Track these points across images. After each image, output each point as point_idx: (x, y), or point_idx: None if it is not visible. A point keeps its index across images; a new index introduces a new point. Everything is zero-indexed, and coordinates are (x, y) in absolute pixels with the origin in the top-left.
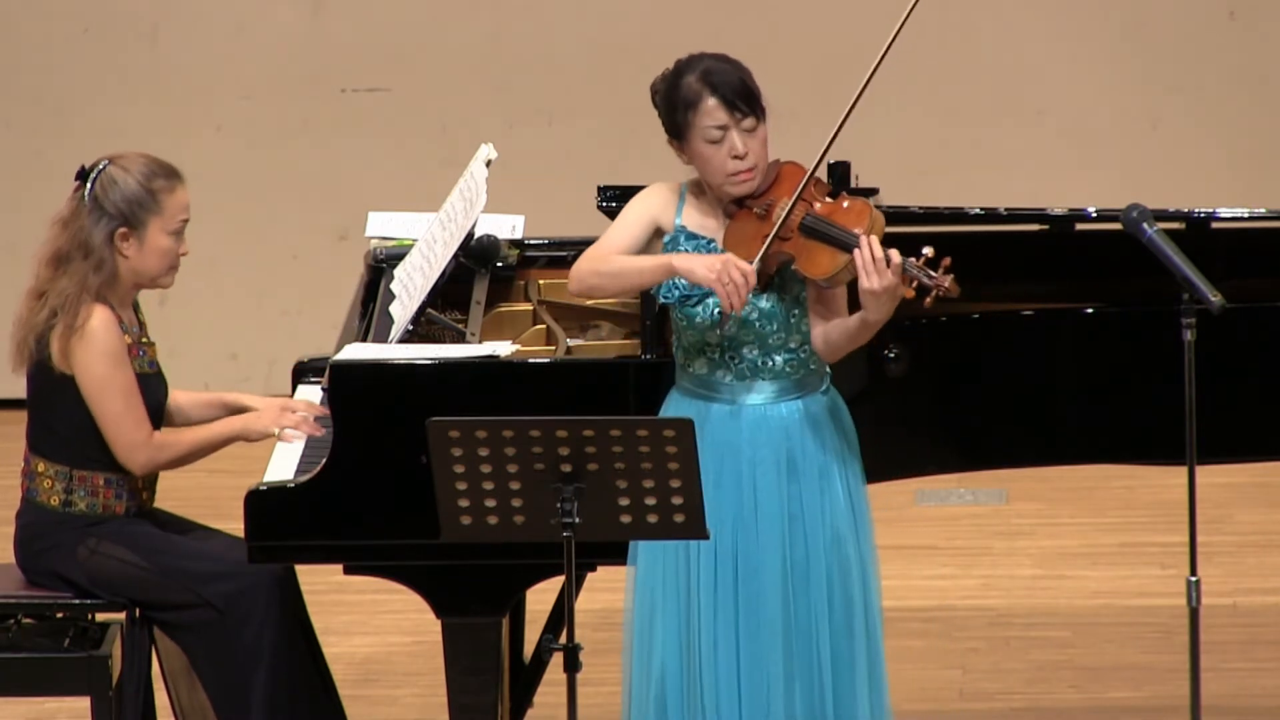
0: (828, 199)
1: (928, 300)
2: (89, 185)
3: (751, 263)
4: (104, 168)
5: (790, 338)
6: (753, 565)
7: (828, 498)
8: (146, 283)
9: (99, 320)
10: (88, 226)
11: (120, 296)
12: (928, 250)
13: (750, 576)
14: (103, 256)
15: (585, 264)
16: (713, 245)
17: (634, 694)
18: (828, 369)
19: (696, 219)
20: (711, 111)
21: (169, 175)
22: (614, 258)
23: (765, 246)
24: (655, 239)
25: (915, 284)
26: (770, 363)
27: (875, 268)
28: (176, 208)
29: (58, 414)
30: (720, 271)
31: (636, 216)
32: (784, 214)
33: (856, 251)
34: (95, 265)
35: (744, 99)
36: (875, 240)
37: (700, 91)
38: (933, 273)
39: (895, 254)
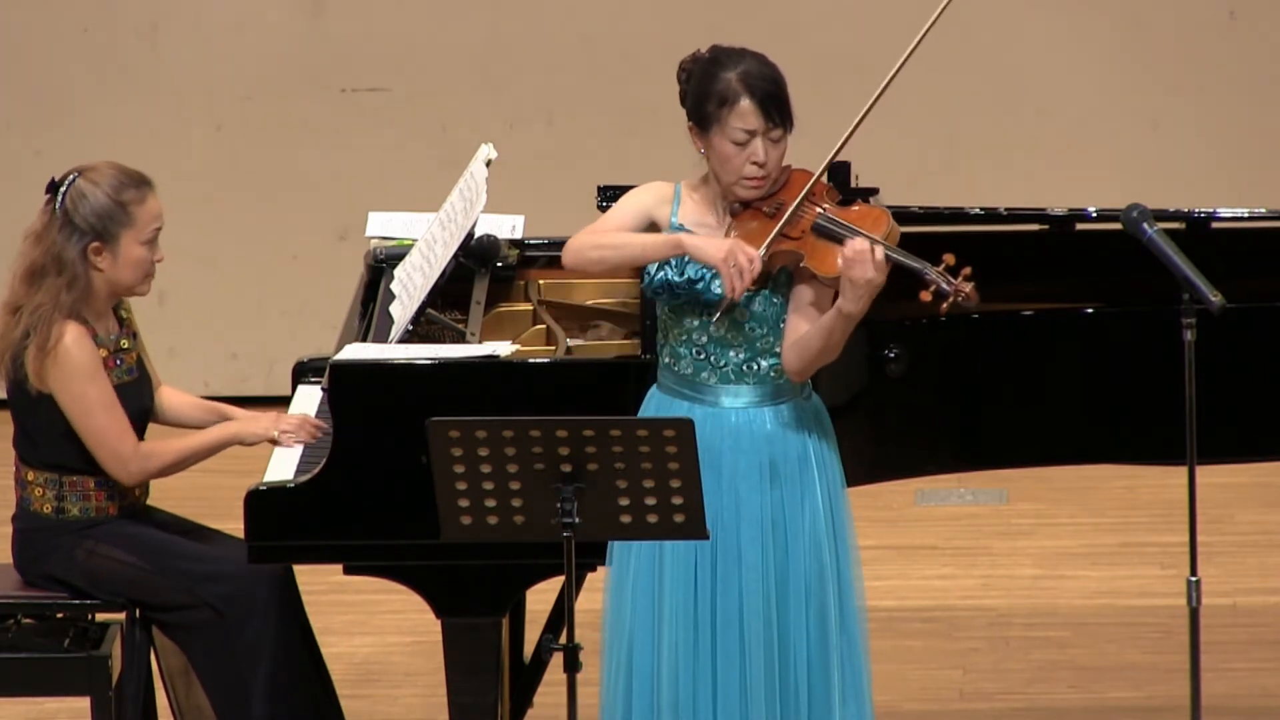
0: (839, 205)
1: (944, 306)
2: (59, 199)
3: (759, 251)
4: (73, 180)
5: (777, 342)
6: (731, 569)
7: (808, 503)
8: (123, 292)
9: (70, 338)
10: (60, 242)
11: (96, 309)
12: (948, 257)
13: (728, 581)
14: (76, 273)
15: (584, 236)
16: None
17: (605, 696)
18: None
19: (693, 217)
20: (744, 115)
21: (139, 185)
22: (616, 232)
23: (770, 238)
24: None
25: (934, 288)
26: (755, 366)
27: (859, 259)
28: (148, 218)
29: (39, 427)
30: (728, 253)
31: (633, 207)
32: (791, 212)
33: (848, 242)
34: (69, 281)
35: (779, 109)
36: (868, 239)
37: (739, 92)
38: (952, 279)
39: (880, 251)
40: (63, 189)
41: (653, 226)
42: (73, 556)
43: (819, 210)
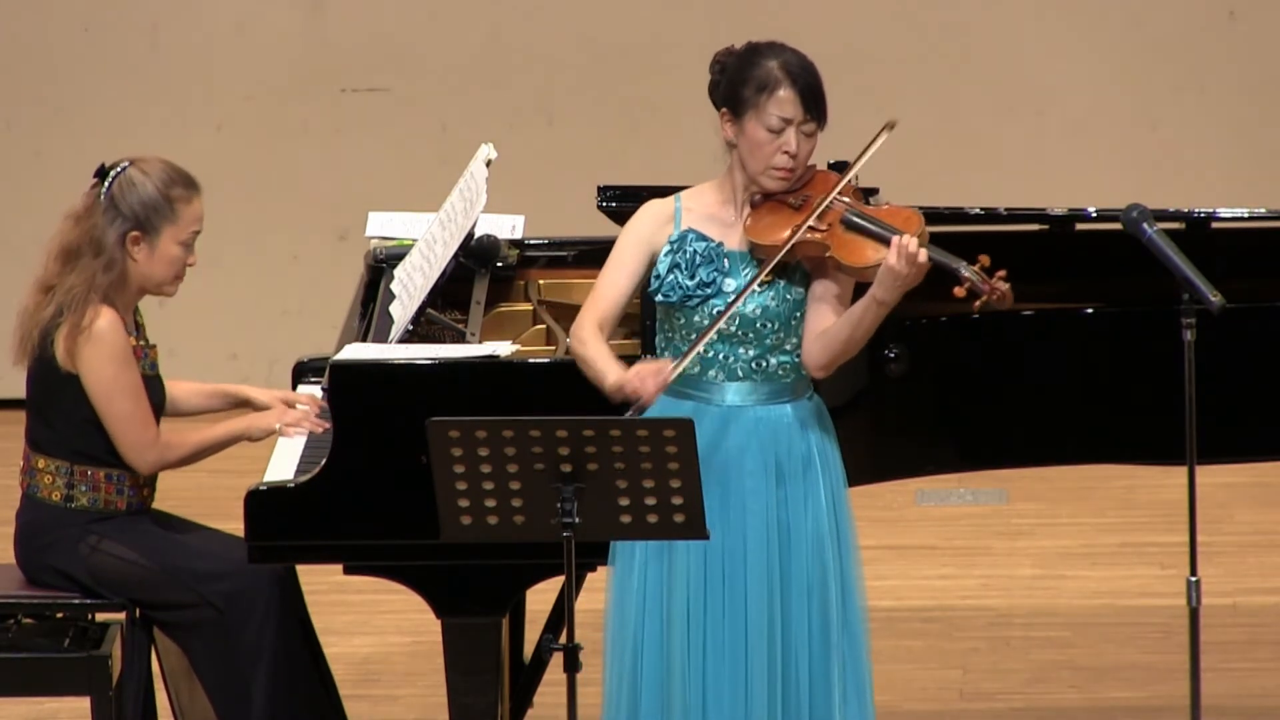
0: (867, 204)
1: (977, 304)
2: (107, 184)
3: (783, 243)
4: (124, 169)
5: (787, 340)
6: (736, 569)
7: (811, 502)
8: (152, 289)
9: (106, 321)
10: (101, 225)
11: (126, 300)
12: (984, 258)
13: (733, 580)
14: (113, 257)
15: (576, 329)
16: (721, 247)
17: (609, 696)
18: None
19: (702, 220)
20: (783, 102)
21: (187, 185)
22: (589, 344)
23: (805, 222)
24: (652, 262)
25: (968, 286)
26: (764, 364)
27: (906, 256)
28: (191, 218)
29: (58, 411)
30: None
31: (628, 245)
32: (823, 205)
33: (895, 238)
34: (105, 265)
35: (816, 101)
36: (916, 239)
37: (780, 79)
38: (987, 278)
39: (924, 253)
40: (112, 174)
41: (654, 255)
42: (76, 550)
43: (846, 203)
